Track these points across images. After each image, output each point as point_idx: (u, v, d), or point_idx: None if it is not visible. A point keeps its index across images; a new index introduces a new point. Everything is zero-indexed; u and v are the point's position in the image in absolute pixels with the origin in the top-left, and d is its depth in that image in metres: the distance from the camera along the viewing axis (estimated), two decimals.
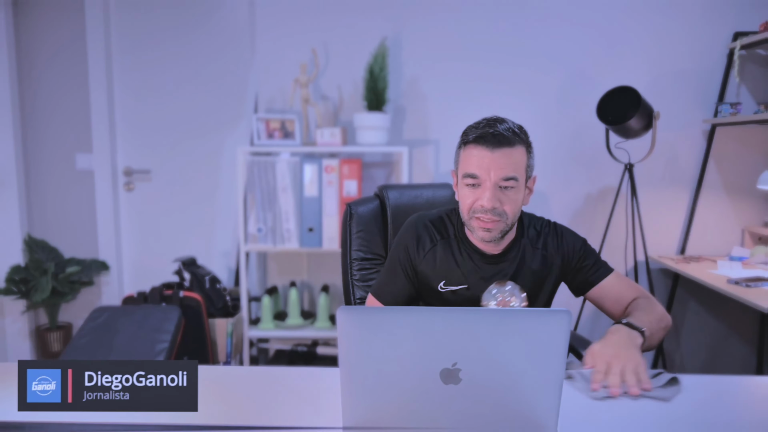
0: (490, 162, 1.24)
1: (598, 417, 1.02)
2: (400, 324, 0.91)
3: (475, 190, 1.27)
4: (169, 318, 2.41)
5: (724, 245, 2.81)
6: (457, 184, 1.33)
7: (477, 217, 1.27)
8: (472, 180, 1.26)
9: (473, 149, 1.26)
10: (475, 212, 1.27)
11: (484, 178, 1.25)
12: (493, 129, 1.25)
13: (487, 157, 1.24)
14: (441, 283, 1.37)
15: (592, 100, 2.51)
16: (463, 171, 1.28)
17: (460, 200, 1.32)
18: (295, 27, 2.83)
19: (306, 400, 1.08)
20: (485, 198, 1.25)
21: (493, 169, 1.24)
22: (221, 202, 3.11)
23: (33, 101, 3.09)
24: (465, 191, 1.29)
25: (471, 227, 1.31)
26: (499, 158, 1.24)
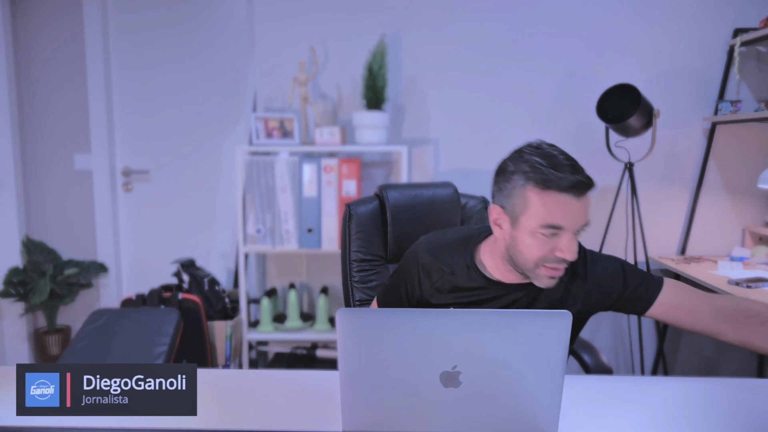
0: (577, 212, 1.13)
1: (598, 419, 1.02)
2: (400, 327, 0.90)
3: (551, 240, 1.14)
4: (167, 320, 2.40)
5: (725, 245, 2.80)
6: (514, 227, 1.17)
7: (547, 266, 1.16)
8: (552, 231, 1.13)
9: (560, 197, 1.11)
10: (546, 262, 1.16)
11: (567, 229, 1.13)
12: (580, 175, 1.13)
13: (575, 206, 1.12)
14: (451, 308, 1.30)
15: (591, 99, 2.50)
16: (543, 221, 1.12)
17: (522, 248, 1.17)
18: (293, 25, 2.82)
19: (305, 403, 1.07)
20: (568, 249, 1.13)
21: (579, 218, 1.14)
22: (220, 203, 3.11)
23: (31, 101, 3.08)
24: (537, 240, 1.14)
25: (533, 275, 1.19)
26: (583, 206, 1.14)
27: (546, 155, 1.15)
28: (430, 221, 1.71)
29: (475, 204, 1.81)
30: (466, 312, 0.93)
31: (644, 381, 1.20)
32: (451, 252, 1.31)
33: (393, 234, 1.68)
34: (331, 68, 2.85)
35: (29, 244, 2.97)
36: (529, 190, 1.13)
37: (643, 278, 1.28)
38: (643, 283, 1.27)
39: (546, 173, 1.12)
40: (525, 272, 1.20)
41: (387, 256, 1.71)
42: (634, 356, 2.85)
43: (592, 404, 1.07)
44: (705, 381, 1.18)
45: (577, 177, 1.12)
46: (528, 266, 1.18)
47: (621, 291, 1.27)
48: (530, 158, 1.15)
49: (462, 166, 2.86)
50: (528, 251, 1.16)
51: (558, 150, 1.18)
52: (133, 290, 2.97)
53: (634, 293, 1.26)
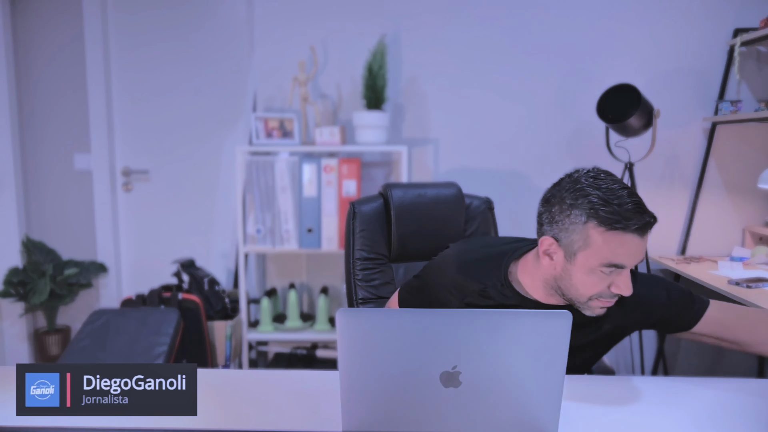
0: (640, 250, 1.10)
1: (598, 419, 1.02)
2: (400, 327, 0.90)
3: (609, 276, 1.11)
4: (167, 320, 2.40)
5: (725, 245, 2.80)
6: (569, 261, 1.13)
7: (601, 300, 1.15)
8: (612, 270, 1.10)
9: (625, 237, 1.08)
10: (601, 297, 1.14)
11: (629, 266, 1.11)
12: (647, 215, 1.09)
13: (639, 245, 1.09)
14: None
15: (591, 98, 2.50)
16: (607, 260, 1.09)
17: (577, 284, 1.14)
18: (293, 25, 2.82)
19: (305, 403, 1.07)
20: (626, 286, 1.12)
21: (639, 256, 1.11)
22: (220, 203, 3.10)
23: (31, 101, 3.08)
24: (595, 278, 1.11)
25: (584, 307, 1.17)
26: (644, 244, 1.11)
27: (609, 191, 1.10)
28: (434, 221, 1.72)
29: (479, 204, 1.81)
30: (466, 312, 0.93)
31: (644, 381, 1.20)
32: (482, 269, 1.27)
33: (397, 233, 1.68)
34: (331, 68, 2.85)
35: (29, 244, 2.97)
36: (591, 228, 1.09)
37: (687, 296, 1.25)
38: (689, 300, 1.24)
39: (612, 213, 1.07)
40: (574, 304, 1.17)
41: (390, 255, 1.71)
42: (634, 356, 2.85)
43: (592, 404, 1.07)
44: (705, 381, 1.18)
45: (645, 218, 1.08)
46: (581, 300, 1.16)
47: (665, 308, 1.23)
48: (592, 193, 1.10)
49: (462, 165, 2.86)
50: (583, 287, 1.13)
51: (618, 182, 1.12)
52: (133, 290, 2.97)
53: (680, 310, 1.23)
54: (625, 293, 1.12)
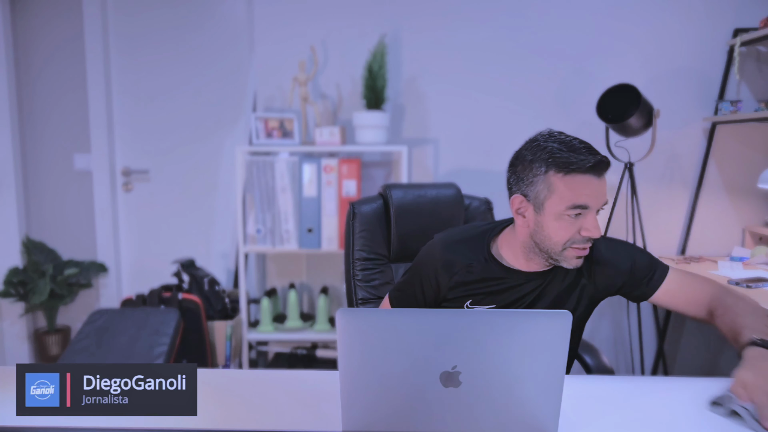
0: (599, 190, 1.19)
1: (598, 419, 1.02)
2: (400, 326, 0.90)
3: (576, 221, 1.19)
4: (167, 320, 2.40)
5: (725, 245, 2.80)
6: (538, 212, 1.22)
7: (574, 246, 1.21)
8: (579, 210, 1.18)
9: (583, 178, 1.17)
10: (573, 243, 1.21)
11: (592, 207, 1.19)
12: (598, 155, 1.18)
13: (597, 185, 1.18)
14: (467, 302, 1.33)
15: (591, 98, 2.50)
16: (570, 202, 1.18)
17: (549, 232, 1.21)
18: (293, 25, 2.82)
19: (305, 403, 1.07)
20: (594, 227, 1.19)
21: (600, 196, 1.20)
22: (220, 203, 3.10)
23: (31, 101, 3.08)
24: (564, 223, 1.19)
25: (561, 257, 1.23)
26: (603, 184, 1.20)
27: (562, 141, 1.20)
28: (434, 221, 1.72)
29: (479, 205, 1.81)
30: (466, 312, 0.93)
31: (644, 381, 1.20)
32: (468, 246, 1.34)
33: (396, 233, 1.68)
34: (331, 68, 2.85)
35: (29, 244, 2.97)
36: (551, 175, 1.18)
37: (650, 263, 1.32)
38: (650, 267, 1.31)
39: (567, 157, 1.17)
40: (552, 256, 1.24)
41: (390, 256, 1.71)
42: (634, 356, 2.85)
43: (592, 404, 1.07)
44: (705, 381, 1.18)
45: (597, 157, 1.17)
46: (556, 249, 1.22)
47: (628, 275, 1.31)
48: (548, 145, 1.20)
49: (462, 166, 2.86)
50: (555, 234, 1.20)
51: (570, 136, 1.23)
52: (133, 290, 2.97)
53: (640, 279, 1.31)
54: (594, 234, 1.19)
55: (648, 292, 1.32)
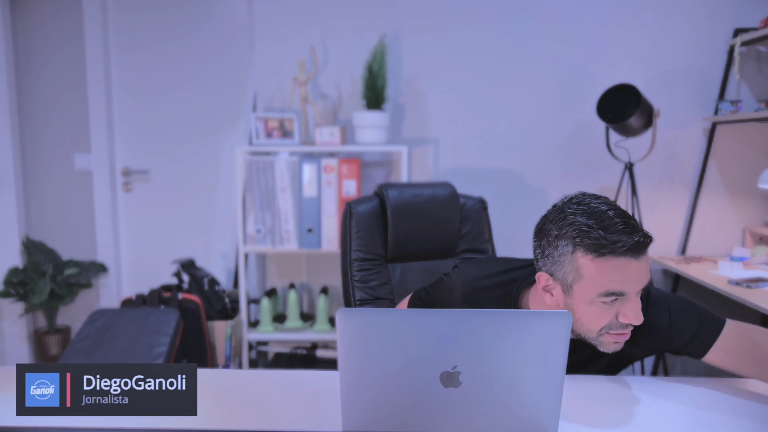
0: (639, 273, 1.01)
1: (598, 420, 1.02)
2: (400, 327, 0.90)
3: (613, 306, 1.03)
4: (167, 320, 2.40)
5: (725, 245, 2.80)
6: (568, 295, 1.06)
7: (612, 333, 1.06)
8: (614, 297, 1.02)
9: (617, 262, 0.99)
10: (611, 329, 1.05)
11: (630, 293, 1.02)
12: (637, 234, 1.00)
13: (635, 268, 1.00)
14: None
15: (591, 98, 2.50)
16: (603, 289, 1.01)
17: (584, 318, 1.05)
18: (293, 24, 2.82)
19: (305, 403, 1.07)
20: (634, 314, 1.02)
21: (641, 279, 1.02)
22: (220, 203, 3.10)
23: (31, 101, 3.08)
24: (598, 309, 1.03)
25: (597, 342, 1.08)
26: (644, 265, 1.02)
27: (593, 213, 1.03)
28: (430, 221, 1.72)
29: (474, 204, 1.81)
30: (466, 312, 0.93)
31: (644, 381, 1.20)
32: (491, 298, 1.21)
33: (393, 233, 1.68)
34: (331, 68, 2.85)
35: (29, 244, 2.97)
36: (579, 257, 1.02)
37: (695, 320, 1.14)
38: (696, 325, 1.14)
39: (598, 237, 1.00)
40: (586, 341, 1.09)
41: (387, 256, 1.71)
42: None
43: (592, 404, 1.07)
44: (705, 381, 1.18)
45: (635, 237, 0.99)
46: (590, 335, 1.07)
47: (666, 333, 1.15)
48: (575, 219, 1.03)
49: (462, 165, 2.86)
50: (588, 321, 1.05)
51: (606, 203, 1.05)
52: (133, 290, 2.97)
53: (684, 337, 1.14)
54: (634, 322, 1.03)
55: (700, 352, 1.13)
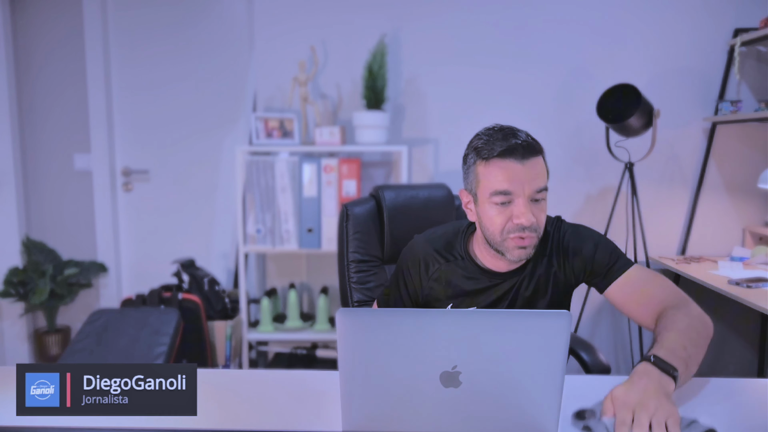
0: (523, 174, 1.16)
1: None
2: (400, 327, 0.90)
3: (506, 209, 1.17)
4: (167, 320, 2.40)
5: (725, 245, 2.80)
6: (476, 204, 1.23)
7: (512, 237, 1.18)
8: (503, 198, 1.17)
9: (501, 163, 1.16)
10: (509, 232, 1.18)
11: (517, 193, 1.16)
12: (517, 138, 1.17)
13: (518, 169, 1.15)
14: (449, 305, 1.32)
15: (591, 98, 2.50)
16: (491, 189, 1.17)
17: (486, 222, 1.21)
18: (293, 24, 2.82)
19: (305, 403, 1.07)
20: (523, 215, 1.16)
21: (527, 181, 1.16)
22: (220, 203, 3.10)
23: (31, 100, 3.08)
24: (493, 211, 1.18)
25: (503, 249, 1.20)
26: (530, 169, 1.16)
27: (490, 130, 1.23)
28: (426, 222, 1.71)
29: None
30: (466, 312, 0.93)
31: None
32: (446, 243, 1.34)
33: (390, 234, 1.68)
34: (331, 68, 2.85)
35: (29, 244, 2.97)
36: (477, 165, 1.21)
37: (612, 254, 1.27)
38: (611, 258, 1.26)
39: (485, 144, 1.19)
40: (496, 248, 1.22)
41: (384, 257, 1.71)
42: (634, 356, 2.85)
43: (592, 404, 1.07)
44: (705, 381, 1.18)
45: (511, 141, 1.17)
46: (496, 239, 1.21)
47: (590, 260, 1.27)
48: (478, 137, 1.24)
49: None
50: (490, 223, 1.20)
51: (507, 126, 1.23)
52: (133, 290, 2.97)
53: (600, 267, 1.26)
54: (523, 221, 1.16)
55: (603, 284, 1.27)
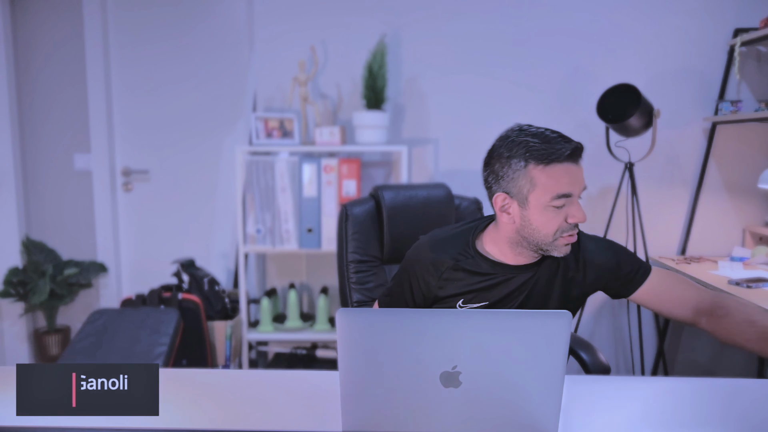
0: (580, 176, 1.22)
1: (598, 419, 1.02)
2: (400, 327, 0.90)
3: (562, 210, 1.22)
4: (167, 320, 2.40)
5: (725, 245, 2.80)
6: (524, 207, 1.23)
7: (565, 234, 1.23)
8: (565, 200, 1.20)
9: (562, 167, 1.20)
10: (564, 231, 1.23)
11: (575, 194, 1.21)
12: (570, 141, 1.22)
13: (576, 171, 1.21)
14: (459, 301, 1.33)
15: (591, 98, 2.50)
16: (554, 192, 1.19)
17: (537, 225, 1.23)
18: (293, 24, 2.82)
19: (305, 403, 1.07)
20: (580, 212, 1.21)
21: (581, 182, 1.23)
22: (220, 203, 3.10)
23: (31, 100, 3.08)
24: (551, 213, 1.21)
25: (553, 247, 1.25)
26: (582, 170, 1.23)
27: (534, 133, 1.23)
28: (426, 222, 1.71)
29: (468, 205, 1.82)
30: (466, 312, 0.93)
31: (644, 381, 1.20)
32: (454, 244, 1.35)
33: (389, 234, 1.68)
34: (331, 68, 2.85)
35: (29, 244, 2.97)
36: (532, 168, 1.20)
37: (633, 261, 1.34)
38: (634, 266, 1.33)
39: (545, 148, 1.20)
40: (543, 248, 1.25)
41: (383, 257, 1.71)
42: (634, 356, 2.85)
43: (592, 404, 1.07)
44: (705, 381, 1.18)
45: (573, 144, 1.21)
46: (547, 240, 1.23)
47: (613, 271, 1.33)
48: (522, 139, 1.22)
49: (462, 166, 2.86)
50: (544, 227, 1.22)
51: (541, 127, 1.26)
52: (133, 290, 2.96)
53: (625, 275, 1.33)
54: (581, 219, 1.21)
55: (629, 289, 1.33)
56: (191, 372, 1.22)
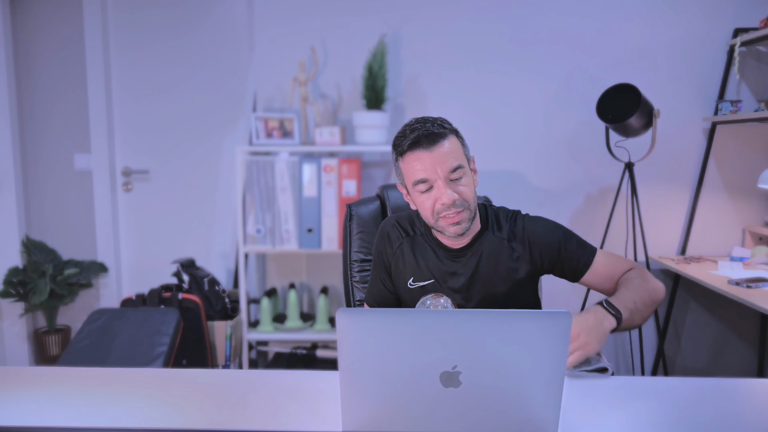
0: (432, 161, 1.27)
1: (598, 419, 1.02)
2: (400, 327, 0.90)
3: (430, 194, 1.30)
4: (167, 320, 2.40)
5: (725, 245, 2.80)
6: (409, 195, 1.37)
7: (442, 216, 1.30)
8: (424, 185, 1.29)
9: (412, 155, 1.29)
10: (438, 213, 1.30)
11: (434, 179, 1.28)
12: (420, 130, 1.28)
13: (428, 158, 1.27)
14: (410, 280, 1.41)
15: (591, 98, 2.50)
16: (411, 180, 1.30)
17: (419, 209, 1.34)
18: (293, 25, 2.82)
19: (305, 403, 1.07)
20: (444, 195, 1.27)
21: (438, 166, 1.27)
22: (220, 203, 3.10)
23: (31, 101, 3.08)
24: (420, 199, 1.32)
25: (440, 228, 1.33)
26: (438, 155, 1.27)
27: (405, 126, 1.33)
28: None
29: None
30: (466, 312, 0.93)
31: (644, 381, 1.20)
32: (409, 220, 1.47)
33: None
34: (331, 68, 2.85)
35: (29, 244, 2.97)
36: (398, 160, 1.34)
37: (578, 245, 1.39)
38: (578, 249, 1.38)
39: (398, 143, 1.32)
40: (437, 229, 1.35)
41: None
42: (634, 356, 2.85)
43: (592, 404, 1.07)
44: (705, 381, 1.18)
45: (418, 133, 1.28)
46: (431, 222, 1.34)
47: (559, 249, 1.38)
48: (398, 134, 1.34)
49: None
50: (423, 210, 1.33)
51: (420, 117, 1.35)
52: (133, 290, 2.97)
53: (569, 257, 1.38)
54: (445, 201, 1.27)
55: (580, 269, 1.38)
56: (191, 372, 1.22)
